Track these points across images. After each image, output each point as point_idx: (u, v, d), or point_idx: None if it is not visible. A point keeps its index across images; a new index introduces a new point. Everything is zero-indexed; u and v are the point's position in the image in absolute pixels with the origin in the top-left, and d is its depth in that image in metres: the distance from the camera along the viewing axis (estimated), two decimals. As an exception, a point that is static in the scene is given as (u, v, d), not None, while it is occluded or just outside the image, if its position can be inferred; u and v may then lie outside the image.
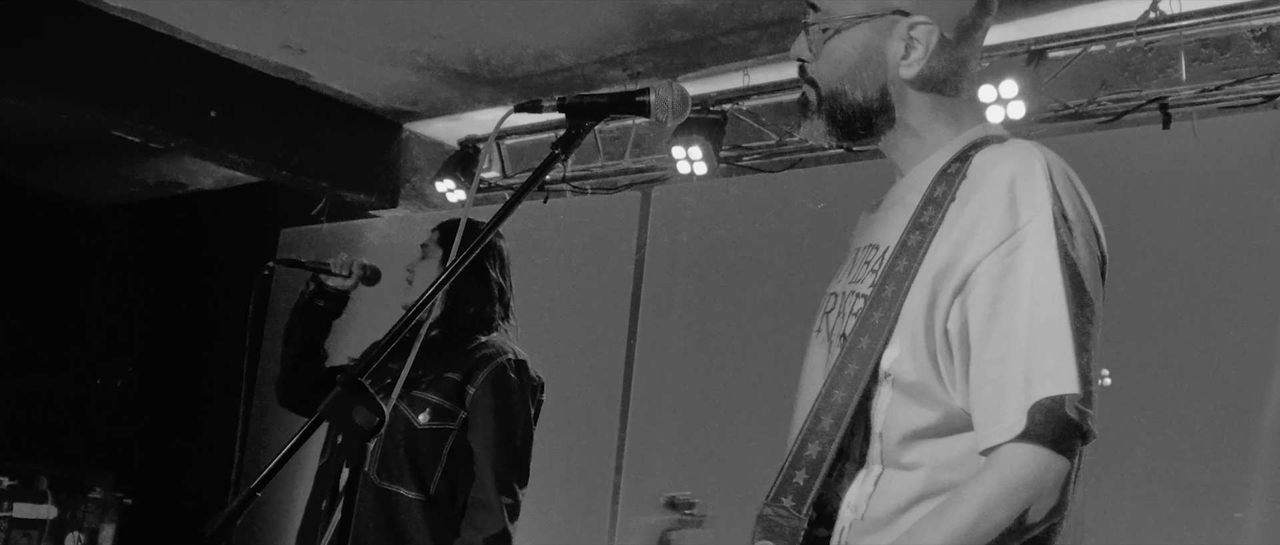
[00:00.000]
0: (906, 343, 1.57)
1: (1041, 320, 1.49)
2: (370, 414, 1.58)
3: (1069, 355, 1.47)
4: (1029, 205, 1.53)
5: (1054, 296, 1.49)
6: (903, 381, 1.57)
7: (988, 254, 1.52)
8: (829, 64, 1.74)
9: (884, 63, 1.71)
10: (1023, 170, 1.56)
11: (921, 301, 1.56)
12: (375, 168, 6.27)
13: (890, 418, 1.58)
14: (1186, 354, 3.94)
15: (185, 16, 5.09)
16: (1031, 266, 1.50)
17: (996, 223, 1.53)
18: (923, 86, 1.72)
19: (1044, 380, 1.47)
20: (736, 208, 5.12)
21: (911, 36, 1.69)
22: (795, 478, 1.57)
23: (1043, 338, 1.48)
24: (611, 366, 5.42)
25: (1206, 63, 4.20)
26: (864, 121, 1.73)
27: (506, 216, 1.74)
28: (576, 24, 4.76)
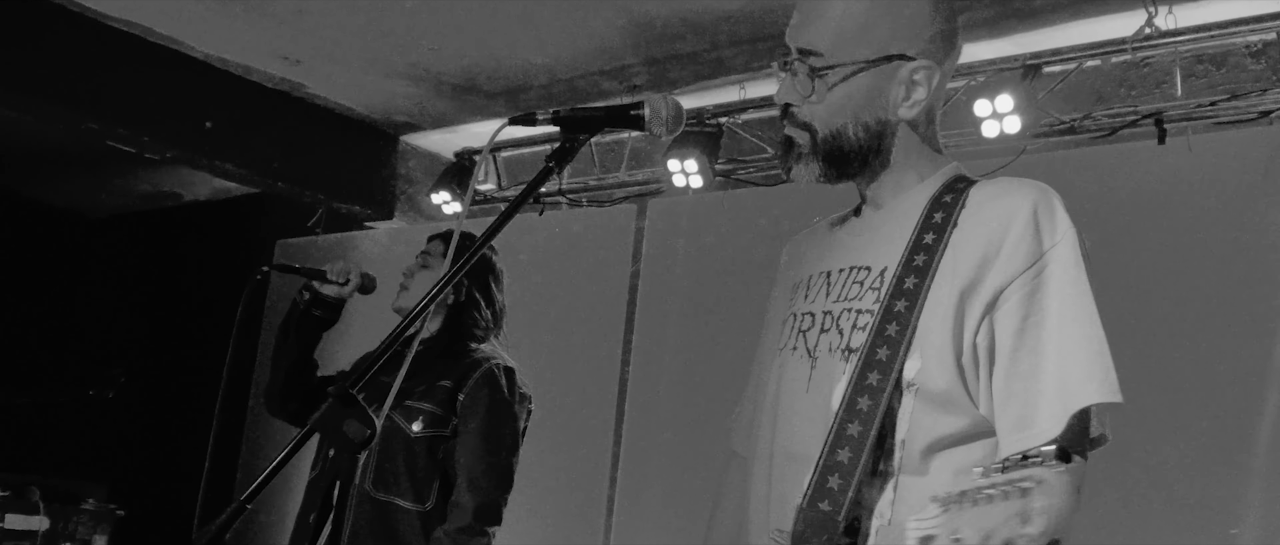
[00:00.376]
0: (930, 355, 1.65)
1: (1077, 335, 1.61)
2: (361, 426, 1.58)
3: (1110, 366, 1.60)
4: (1052, 232, 1.65)
5: (1089, 313, 1.62)
6: (929, 390, 1.65)
7: (1017, 275, 1.63)
8: (830, 108, 1.78)
9: (886, 105, 1.78)
10: (1043, 202, 1.67)
11: (945, 316, 1.66)
12: (371, 179, 6.27)
13: (914, 425, 1.66)
14: (1182, 369, 3.94)
15: (182, 27, 5.09)
16: (1061, 287, 1.63)
17: (1025, 247, 1.64)
18: (913, 125, 1.81)
19: (1087, 388, 1.59)
20: (732, 221, 5.12)
21: (913, 80, 1.77)
22: (830, 482, 1.63)
23: (1082, 350, 1.60)
24: (606, 379, 5.42)
25: (1202, 78, 4.21)
26: (860, 161, 1.80)
27: (501, 228, 1.74)
28: (574, 37, 4.76)
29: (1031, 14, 4.20)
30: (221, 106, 5.55)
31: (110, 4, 4.90)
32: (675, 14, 4.46)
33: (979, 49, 4.46)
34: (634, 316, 5.49)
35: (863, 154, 1.79)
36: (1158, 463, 3.89)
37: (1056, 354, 1.60)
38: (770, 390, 1.83)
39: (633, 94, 5.19)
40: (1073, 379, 1.59)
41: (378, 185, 6.30)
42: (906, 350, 1.65)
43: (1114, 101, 4.26)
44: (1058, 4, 4.12)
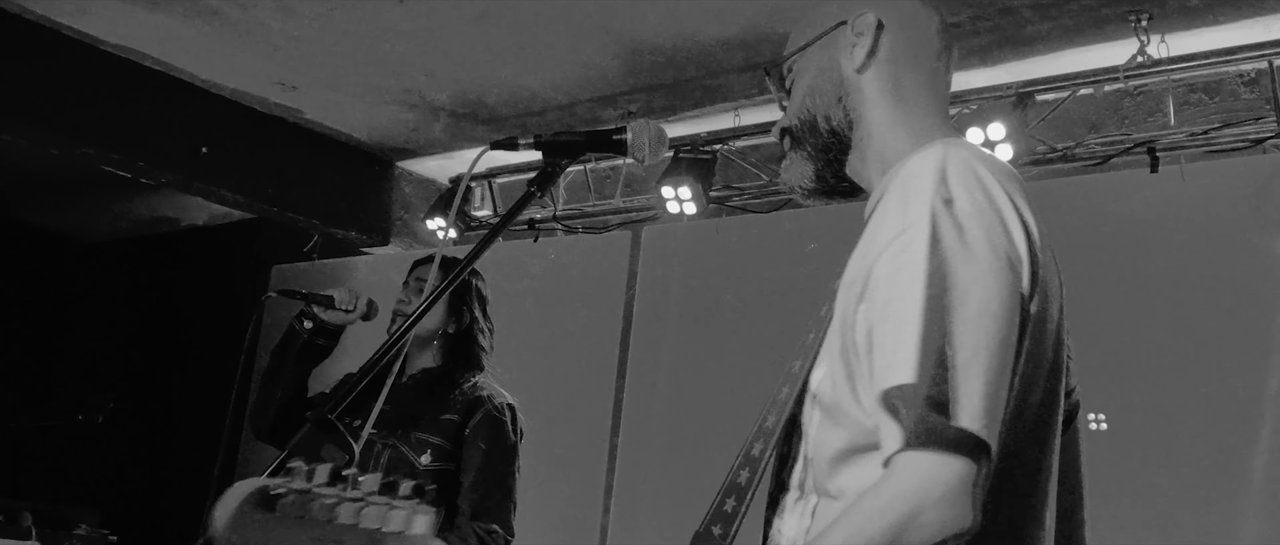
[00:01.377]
0: (829, 360, 1.53)
1: (895, 313, 1.40)
2: (340, 451, 1.58)
3: (913, 345, 1.35)
4: (919, 198, 1.45)
5: (913, 290, 1.38)
6: (824, 400, 1.52)
7: (880, 254, 1.46)
8: (797, 99, 1.77)
9: (837, 68, 1.73)
10: (917, 168, 1.51)
11: (837, 316, 1.53)
12: (367, 205, 6.27)
13: (817, 440, 1.53)
14: (1175, 398, 3.93)
15: (178, 53, 5.10)
16: (909, 261, 1.41)
17: (890, 223, 1.47)
18: (876, 81, 1.71)
19: (886, 371, 1.38)
20: (726, 248, 5.12)
21: (854, 32, 1.73)
22: (725, 505, 1.56)
23: (891, 329, 1.40)
24: (600, 406, 5.41)
25: (1195, 107, 4.22)
26: (832, 135, 1.73)
27: (483, 252, 1.74)
28: (568, 64, 4.77)
29: (1024, 42, 4.21)
30: (217, 132, 5.56)
31: (107, 30, 4.92)
32: (669, 41, 4.47)
33: (971, 77, 4.46)
34: (628, 342, 5.49)
35: (829, 123, 1.72)
36: (1152, 492, 3.88)
37: (882, 337, 1.41)
38: None
39: (628, 120, 5.19)
40: (879, 360, 1.40)
41: (373, 211, 6.30)
42: (814, 359, 1.55)
43: (1107, 129, 4.27)
44: (1050, 32, 4.12)
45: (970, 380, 1.34)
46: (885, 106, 1.70)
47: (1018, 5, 3.95)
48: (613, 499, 5.30)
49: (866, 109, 1.71)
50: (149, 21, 4.76)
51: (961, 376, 1.34)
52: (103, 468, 7.18)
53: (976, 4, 3.96)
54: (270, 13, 4.55)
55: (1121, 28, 4.02)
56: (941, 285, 1.37)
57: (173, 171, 5.50)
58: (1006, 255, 1.43)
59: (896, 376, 1.35)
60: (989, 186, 1.48)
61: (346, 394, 1.65)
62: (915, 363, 1.34)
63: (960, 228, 1.41)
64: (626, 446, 5.32)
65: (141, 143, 5.33)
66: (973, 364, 1.35)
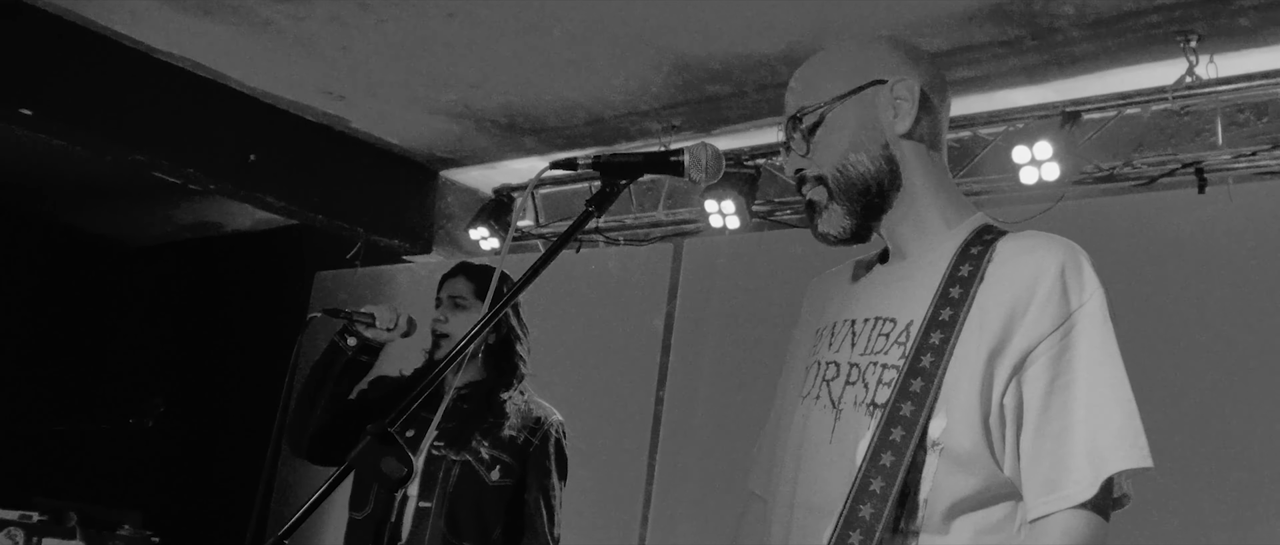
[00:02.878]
0: (956, 414, 1.64)
1: (1108, 398, 1.61)
2: (398, 465, 1.60)
3: (1140, 429, 1.61)
4: (1079, 292, 1.64)
5: (1118, 376, 1.62)
6: (954, 450, 1.64)
7: (1046, 336, 1.62)
8: (827, 150, 1.81)
9: (879, 127, 1.80)
10: (1070, 260, 1.67)
11: (972, 376, 1.64)
12: (410, 213, 6.32)
13: (937, 485, 1.64)
14: (1222, 421, 3.90)
15: (228, 62, 5.17)
16: (1089, 349, 1.62)
17: (1052, 308, 1.64)
18: (917, 148, 1.81)
19: (1118, 454, 1.59)
20: (768, 262, 5.12)
21: (896, 96, 1.80)
22: (850, 538, 1.61)
23: (1114, 414, 1.61)
24: (641, 418, 5.42)
25: (1243, 127, 4.19)
26: (878, 193, 1.80)
27: (541, 271, 1.75)
28: (614, 77, 4.80)
29: (1071, 61, 4.19)
30: (265, 140, 5.62)
31: (159, 38, 4.99)
32: (714, 56, 4.49)
33: (1018, 95, 4.46)
34: (669, 355, 5.50)
35: (878, 181, 1.80)
36: (1197, 516, 3.85)
37: (1086, 417, 1.60)
38: (793, 438, 1.82)
39: (671, 134, 5.22)
40: (1104, 444, 1.59)
41: (417, 220, 6.35)
42: (931, 408, 1.64)
43: (1154, 149, 4.24)
44: (1098, 51, 4.11)
45: None
46: (926, 172, 1.82)
47: (1065, 24, 3.94)
48: (651, 510, 5.31)
49: (911, 173, 1.81)
50: (201, 30, 4.83)
51: None
52: (148, 470, 7.26)
53: (1024, 23, 3.96)
54: (321, 23, 4.60)
55: (1170, 47, 4.01)
56: (1124, 372, 1.64)
57: (221, 178, 5.56)
58: None
59: (1135, 461, 1.60)
60: None
61: (406, 407, 1.67)
62: (1146, 447, 1.61)
63: (1111, 320, 1.66)
64: (666, 458, 5.33)
65: (191, 150, 5.39)
66: None
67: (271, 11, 4.55)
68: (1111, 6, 3.80)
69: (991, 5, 3.86)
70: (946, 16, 3.96)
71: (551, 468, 3.35)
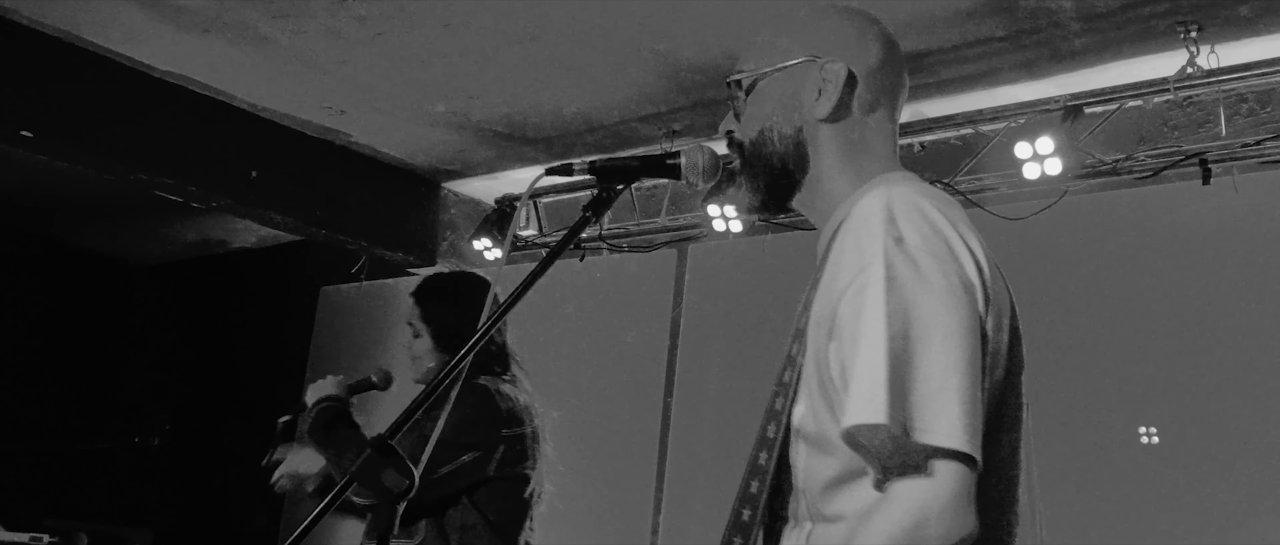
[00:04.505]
0: (807, 396, 1.61)
1: (864, 356, 1.47)
2: (400, 477, 1.59)
3: (880, 385, 1.43)
4: (872, 240, 1.53)
5: (876, 330, 1.46)
6: (808, 434, 1.60)
7: (842, 295, 1.54)
8: (751, 118, 1.80)
9: (800, 107, 1.77)
10: (867, 211, 1.59)
11: (811, 355, 1.60)
12: (414, 226, 6.32)
13: (807, 472, 1.61)
14: (1228, 410, 3.89)
15: (228, 79, 5.17)
16: (858, 302, 1.50)
17: (848, 265, 1.56)
18: (834, 131, 1.76)
19: (852, 410, 1.46)
20: (772, 265, 5.11)
21: (823, 78, 1.76)
22: (733, 542, 1.62)
23: (855, 370, 1.47)
24: (648, 424, 5.41)
25: (1246, 117, 4.17)
26: (784, 173, 1.78)
27: (540, 277, 1.75)
28: (612, 84, 4.79)
29: (1071, 55, 4.18)
30: (267, 156, 5.63)
31: (158, 57, 4.99)
32: (713, 60, 4.48)
33: (1018, 91, 4.44)
34: (675, 361, 5.49)
35: (783, 161, 1.77)
36: (1207, 506, 3.84)
37: (851, 376, 1.49)
38: None
39: (672, 139, 5.21)
40: (847, 401, 1.48)
41: (420, 232, 6.35)
42: (794, 396, 1.61)
43: (1157, 142, 4.23)
44: (1097, 45, 4.10)
45: (947, 403, 1.43)
46: (838, 154, 1.77)
47: (1065, 18, 3.93)
48: (661, 517, 5.30)
49: (820, 155, 1.77)
50: (200, 48, 4.83)
51: (939, 402, 1.43)
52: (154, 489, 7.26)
53: (1023, 17, 3.95)
54: (319, 38, 4.60)
55: (1170, 39, 3.99)
56: (903, 321, 1.46)
57: (224, 195, 5.57)
58: (960, 281, 1.52)
59: (865, 416, 1.44)
60: (933, 219, 1.57)
61: (404, 420, 1.66)
62: (885, 402, 1.42)
63: (914, 262, 1.50)
64: (675, 465, 5.32)
65: (193, 167, 5.40)
66: (946, 388, 1.44)
67: (270, 28, 4.56)
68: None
69: (991, 0, 3.85)
70: (945, 13, 3.95)
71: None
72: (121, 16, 4.59)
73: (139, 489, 7.21)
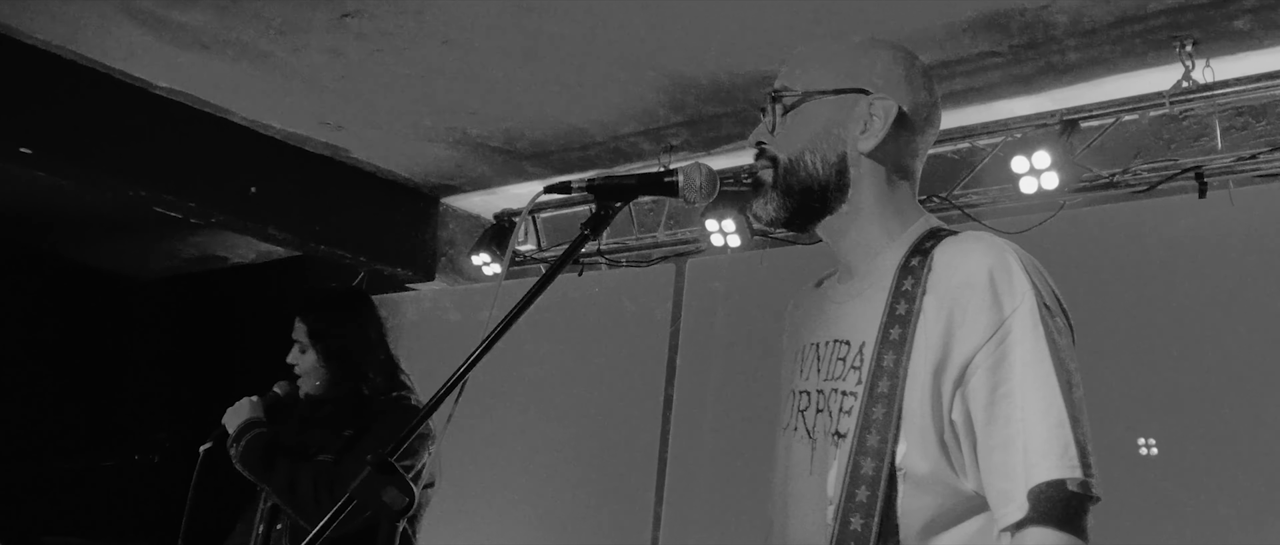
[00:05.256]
0: (913, 437, 1.61)
1: (1038, 406, 1.56)
2: (400, 494, 1.60)
3: (1069, 439, 1.55)
4: (1011, 295, 1.60)
5: (1047, 382, 1.57)
6: (915, 474, 1.61)
7: (981, 345, 1.59)
8: (790, 137, 1.81)
9: (843, 137, 1.79)
10: (998, 263, 1.63)
11: (923, 396, 1.62)
12: (412, 241, 6.33)
13: (906, 510, 1.61)
14: (1225, 423, 3.89)
15: (227, 95, 5.18)
16: (1022, 354, 1.58)
17: (984, 315, 1.60)
18: (875, 166, 1.79)
19: (1045, 464, 1.54)
20: (771, 279, 5.12)
21: (871, 113, 1.78)
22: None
23: (1040, 423, 1.56)
24: (647, 439, 5.41)
25: (1242, 131, 4.19)
26: (819, 196, 1.80)
27: (540, 294, 1.76)
28: (612, 99, 4.81)
29: (1066, 69, 4.20)
30: (266, 172, 5.64)
31: (158, 73, 5.01)
32: (711, 75, 4.50)
33: (1015, 105, 4.46)
34: (674, 375, 5.49)
35: (822, 187, 1.79)
36: (1213, 520, 3.84)
37: (1021, 427, 1.56)
38: (779, 471, 1.83)
39: (671, 154, 5.23)
40: (1033, 454, 1.55)
41: (419, 247, 6.36)
42: (896, 435, 1.62)
43: (1153, 155, 4.24)
44: (1093, 59, 4.11)
45: (1091, 449, 1.58)
46: (877, 188, 1.80)
47: (1060, 33, 3.95)
48: (661, 531, 5.29)
49: (860, 188, 1.80)
50: (199, 64, 4.84)
51: (1089, 450, 1.58)
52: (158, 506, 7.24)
53: (1019, 32, 3.96)
54: (319, 55, 4.61)
55: (1165, 53, 4.01)
56: (1064, 374, 1.58)
57: (223, 211, 5.58)
58: (1072, 337, 1.67)
59: (1062, 471, 1.54)
60: (1048, 279, 1.68)
61: (405, 438, 1.67)
62: (1077, 458, 1.55)
63: (1055, 319, 1.62)
64: (674, 479, 5.32)
65: (193, 183, 5.41)
66: (1089, 437, 1.59)
67: (270, 45, 4.57)
68: (1106, 14, 3.81)
69: (986, 16, 3.87)
70: (941, 28, 3.96)
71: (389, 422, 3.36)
72: (122, 33, 4.60)
73: (140, 506, 7.20)
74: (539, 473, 5.69)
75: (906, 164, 1.83)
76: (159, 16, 4.41)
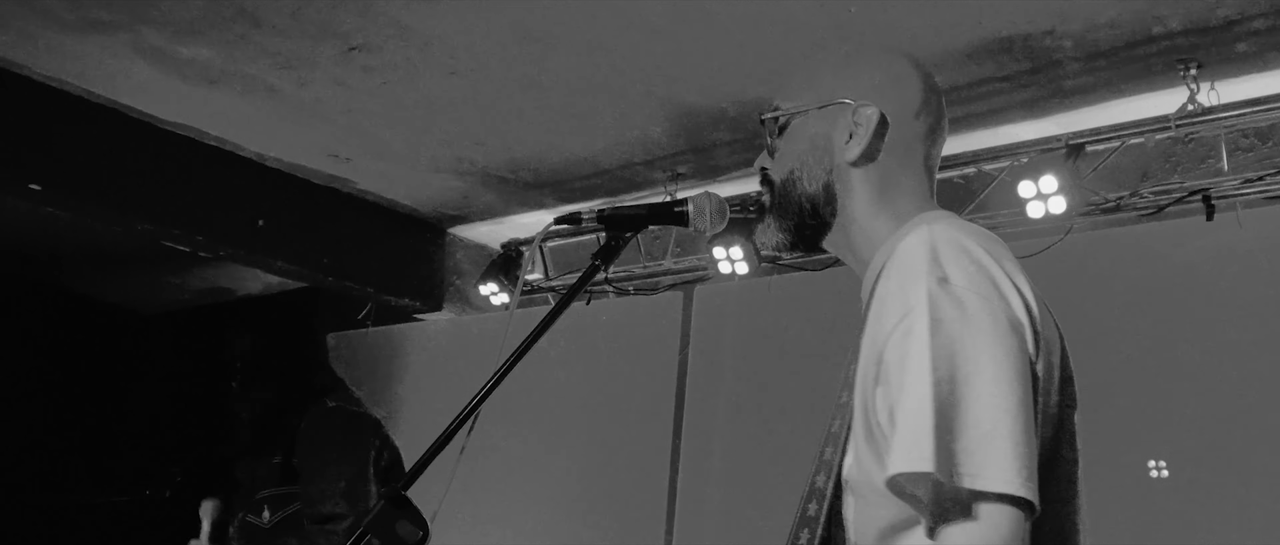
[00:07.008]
0: (855, 446, 1.56)
1: (909, 396, 1.44)
2: (414, 528, 1.59)
3: (923, 429, 1.40)
4: (916, 283, 1.50)
5: (919, 370, 1.43)
6: (856, 485, 1.56)
7: (887, 339, 1.50)
8: (784, 157, 1.80)
9: (830, 150, 1.76)
10: (909, 252, 1.56)
11: (859, 402, 1.56)
12: (420, 272, 6.33)
13: (857, 524, 1.58)
14: (1238, 446, 3.88)
15: (233, 128, 5.20)
16: (913, 346, 1.45)
17: (892, 308, 1.51)
18: (865, 175, 1.75)
19: (895, 458, 1.43)
20: (779, 306, 5.12)
21: (855, 121, 1.74)
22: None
23: (904, 415, 1.44)
24: (657, 467, 5.39)
25: (1248, 152, 4.19)
26: (813, 213, 1.77)
27: (550, 325, 1.76)
28: (616, 128, 4.82)
29: (1072, 93, 4.21)
30: (273, 204, 5.65)
31: (165, 108, 5.02)
32: (716, 103, 4.51)
33: (1020, 130, 4.47)
34: (683, 403, 5.48)
35: (814, 203, 1.76)
36: (1220, 539, 3.83)
37: (896, 423, 1.46)
38: None
39: (677, 182, 5.23)
40: (892, 448, 1.45)
41: (426, 277, 6.36)
42: (844, 447, 1.58)
43: (1160, 179, 4.24)
44: (1098, 83, 4.12)
45: (998, 447, 1.39)
46: (870, 197, 1.75)
47: (1065, 57, 3.95)
48: (671, 560, 5.27)
49: (851, 199, 1.75)
50: (206, 98, 4.86)
51: (989, 446, 1.39)
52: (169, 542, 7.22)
53: (1024, 57, 3.97)
54: (325, 87, 4.63)
55: (1170, 77, 4.02)
56: (950, 364, 1.42)
57: (231, 245, 5.58)
58: (1008, 321, 1.48)
59: (910, 464, 1.40)
60: (978, 257, 1.53)
61: (419, 469, 1.66)
62: (931, 449, 1.38)
63: (959, 303, 1.46)
64: (684, 507, 5.30)
65: (200, 217, 5.41)
66: (997, 432, 1.40)
67: (276, 79, 4.59)
68: (1111, 38, 3.81)
69: (991, 41, 3.88)
70: (947, 53, 3.97)
71: (318, 444, 3.24)
72: (129, 69, 4.62)
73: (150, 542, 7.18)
74: (548, 501, 5.67)
75: (904, 167, 1.77)
76: (166, 52, 4.43)
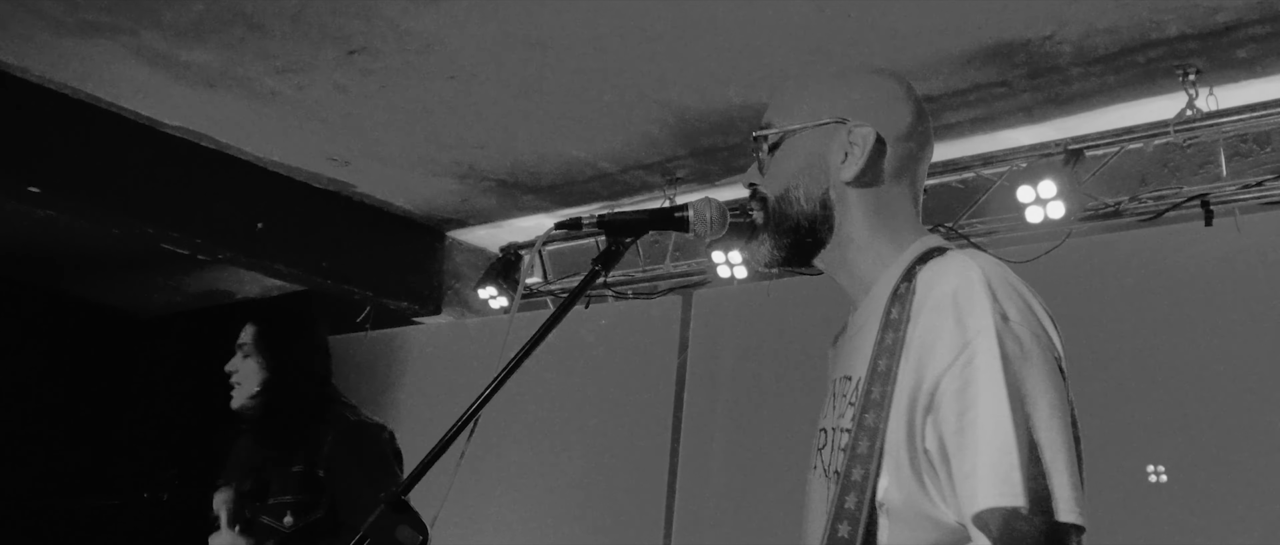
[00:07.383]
0: (892, 469, 1.57)
1: (987, 432, 1.49)
2: (413, 532, 1.60)
3: (1013, 465, 1.46)
4: (974, 316, 1.54)
5: (998, 406, 1.49)
6: (893, 508, 1.57)
7: (945, 370, 1.53)
8: (777, 175, 1.81)
9: (826, 168, 1.77)
10: (963, 284, 1.58)
11: (901, 427, 1.58)
12: (419, 275, 6.34)
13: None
14: (1237, 451, 3.88)
15: (233, 132, 5.20)
16: (982, 378, 1.51)
17: (948, 339, 1.54)
18: (861, 195, 1.77)
19: (985, 492, 1.47)
20: (778, 310, 5.12)
21: (850, 141, 1.76)
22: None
23: (986, 449, 1.49)
24: (655, 471, 5.39)
25: (1247, 158, 4.20)
26: (809, 231, 1.78)
27: (551, 330, 1.76)
28: (616, 132, 4.82)
29: (1070, 99, 4.21)
30: (272, 208, 5.65)
31: (165, 111, 5.03)
32: (715, 108, 4.51)
33: (1019, 135, 4.47)
34: (681, 407, 5.48)
35: (810, 221, 1.77)
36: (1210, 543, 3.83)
37: (973, 454, 1.50)
38: (803, 511, 1.81)
39: (676, 187, 5.24)
40: (977, 481, 1.48)
41: (425, 281, 6.36)
42: (878, 468, 1.58)
43: (1158, 184, 4.25)
44: (1097, 88, 4.13)
45: (1066, 480, 1.47)
46: (866, 217, 1.77)
47: (1064, 63, 3.96)
48: (670, 564, 5.27)
49: (847, 219, 1.77)
50: (206, 102, 4.86)
51: (1059, 479, 1.47)
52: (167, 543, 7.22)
53: (1023, 63, 3.98)
54: (325, 91, 4.63)
55: (1169, 82, 4.03)
56: (1020, 400, 1.49)
57: (230, 248, 5.59)
58: (1054, 357, 1.56)
59: (1002, 499, 1.46)
60: (1024, 294, 1.60)
61: (419, 474, 1.66)
62: (1021, 483, 1.45)
63: (1019, 340, 1.53)
64: (682, 511, 5.30)
65: (200, 220, 5.42)
66: (1059, 464, 1.48)
67: (276, 83, 4.59)
68: (1110, 43, 3.82)
69: (990, 46, 3.89)
70: (945, 59, 3.98)
71: (358, 469, 3.25)
72: (129, 73, 4.62)
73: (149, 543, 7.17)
74: (548, 505, 5.67)
75: (897, 188, 1.79)
76: (166, 56, 4.43)
